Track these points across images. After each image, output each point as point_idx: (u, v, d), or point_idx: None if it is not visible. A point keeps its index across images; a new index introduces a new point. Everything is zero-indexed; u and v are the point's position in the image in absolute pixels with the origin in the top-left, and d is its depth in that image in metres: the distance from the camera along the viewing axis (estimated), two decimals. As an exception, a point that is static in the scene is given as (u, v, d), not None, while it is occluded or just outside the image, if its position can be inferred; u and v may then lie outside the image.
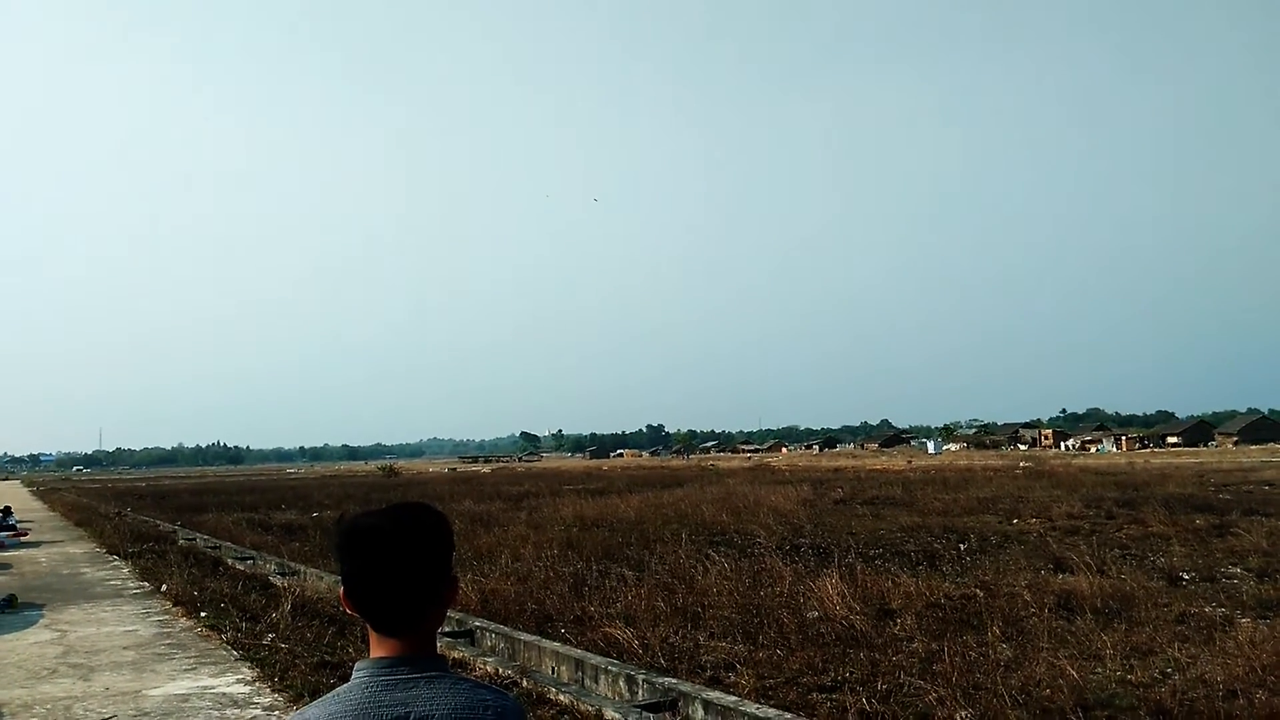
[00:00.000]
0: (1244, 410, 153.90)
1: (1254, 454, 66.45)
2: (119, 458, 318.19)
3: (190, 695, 8.02)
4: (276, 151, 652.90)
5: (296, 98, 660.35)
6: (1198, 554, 14.71)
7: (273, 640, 9.89)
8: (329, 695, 1.64)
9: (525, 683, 8.13)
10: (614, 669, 8.03)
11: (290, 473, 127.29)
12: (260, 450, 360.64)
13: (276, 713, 7.34)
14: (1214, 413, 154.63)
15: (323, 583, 14.21)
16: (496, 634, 9.93)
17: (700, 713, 6.93)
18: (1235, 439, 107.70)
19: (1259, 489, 28.82)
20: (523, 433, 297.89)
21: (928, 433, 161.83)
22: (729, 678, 8.16)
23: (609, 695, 7.80)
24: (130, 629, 11.40)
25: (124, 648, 10.19)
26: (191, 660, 9.45)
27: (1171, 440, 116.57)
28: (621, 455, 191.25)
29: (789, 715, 6.49)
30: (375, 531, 1.67)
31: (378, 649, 1.66)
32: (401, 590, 1.64)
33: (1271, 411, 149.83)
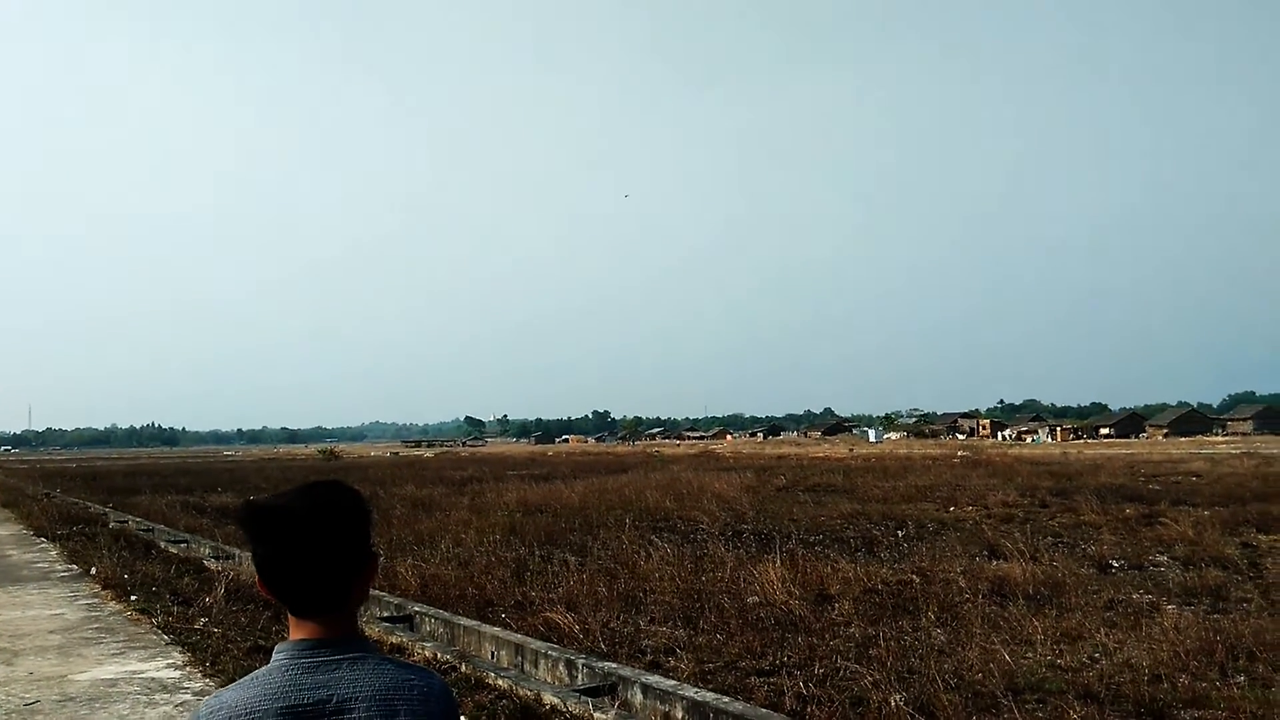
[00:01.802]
0: (1174, 404, 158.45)
1: (1183, 446, 68.38)
2: (49, 438, 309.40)
3: (118, 680, 7.83)
4: (219, 132, 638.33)
5: (263, 83, 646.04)
6: (1127, 543, 15.09)
7: (205, 624, 9.72)
8: (246, 679, 1.60)
9: (464, 667, 8.08)
10: (554, 654, 8.00)
11: (227, 455, 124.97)
12: (196, 432, 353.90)
13: (207, 697, 7.19)
14: (1145, 405, 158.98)
15: (259, 566, 13.99)
16: (436, 619, 9.85)
17: (639, 696, 6.94)
18: (1165, 431, 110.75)
19: (1187, 480, 29.65)
20: (467, 417, 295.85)
21: (869, 421, 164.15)
22: (669, 662, 8.19)
23: (549, 680, 7.78)
24: (57, 613, 11.10)
25: (50, 631, 9.93)
26: (120, 644, 9.23)
27: (1104, 431, 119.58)
28: (567, 441, 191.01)
29: (727, 699, 6.52)
30: (287, 512, 1.62)
31: (297, 631, 1.63)
32: (318, 571, 1.60)
33: (1200, 405, 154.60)
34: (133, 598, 11.57)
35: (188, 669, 8.18)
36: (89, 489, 37.51)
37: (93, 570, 13.97)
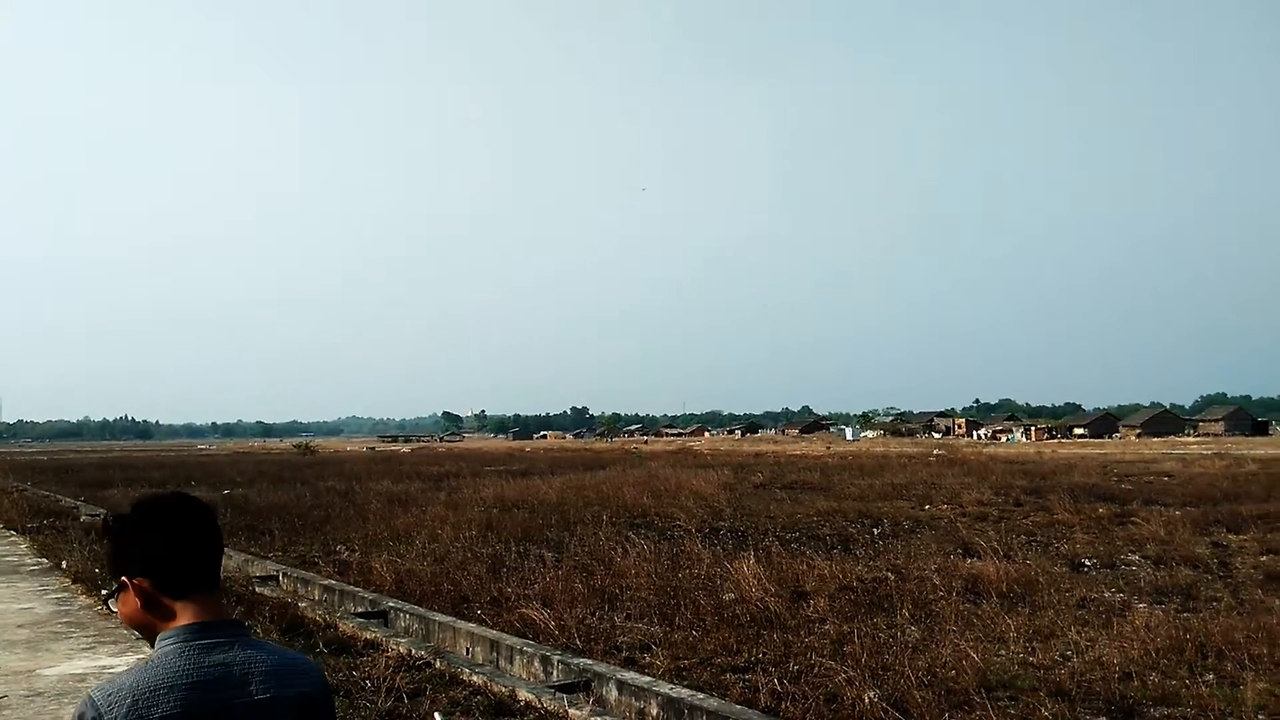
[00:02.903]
0: (1147, 404, 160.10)
1: (1155, 446, 69.06)
2: (20, 430, 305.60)
3: (87, 675, 7.75)
4: (201, 126, 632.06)
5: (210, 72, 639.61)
6: (1099, 542, 15.22)
7: (177, 619, 9.62)
8: (142, 665, 1.70)
9: (439, 664, 8.05)
10: (529, 650, 7.99)
11: (201, 449, 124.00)
12: (170, 425, 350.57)
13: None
14: (1119, 406, 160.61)
15: (231, 561, 13.89)
16: (411, 615, 9.81)
17: (614, 693, 6.94)
18: (1138, 431, 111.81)
19: (1158, 480, 29.95)
20: (445, 412, 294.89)
21: (846, 420, 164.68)
22: (644, 658, 8.19)
23: (524, 676, 7.77)
24: (26, 606, 10.97)
25: (18, 626, 9.81)
26: (90, 639, 9.14)
27: (1078, 431, 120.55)
28: (545, 437, 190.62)
29: (701, 695, 6.54)
30: (173, 502, 1.84)
31: (184, 616, 1.76)
32: (206, 553, 1.81)
33: (1173, 406, 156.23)
34: (104, 592, 11.44)
35: (159, 664, 8.10)
36: (60, 482, 37.10)
37: (63, 564, 13.81)
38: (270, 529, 18.58)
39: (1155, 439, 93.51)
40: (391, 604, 10.30)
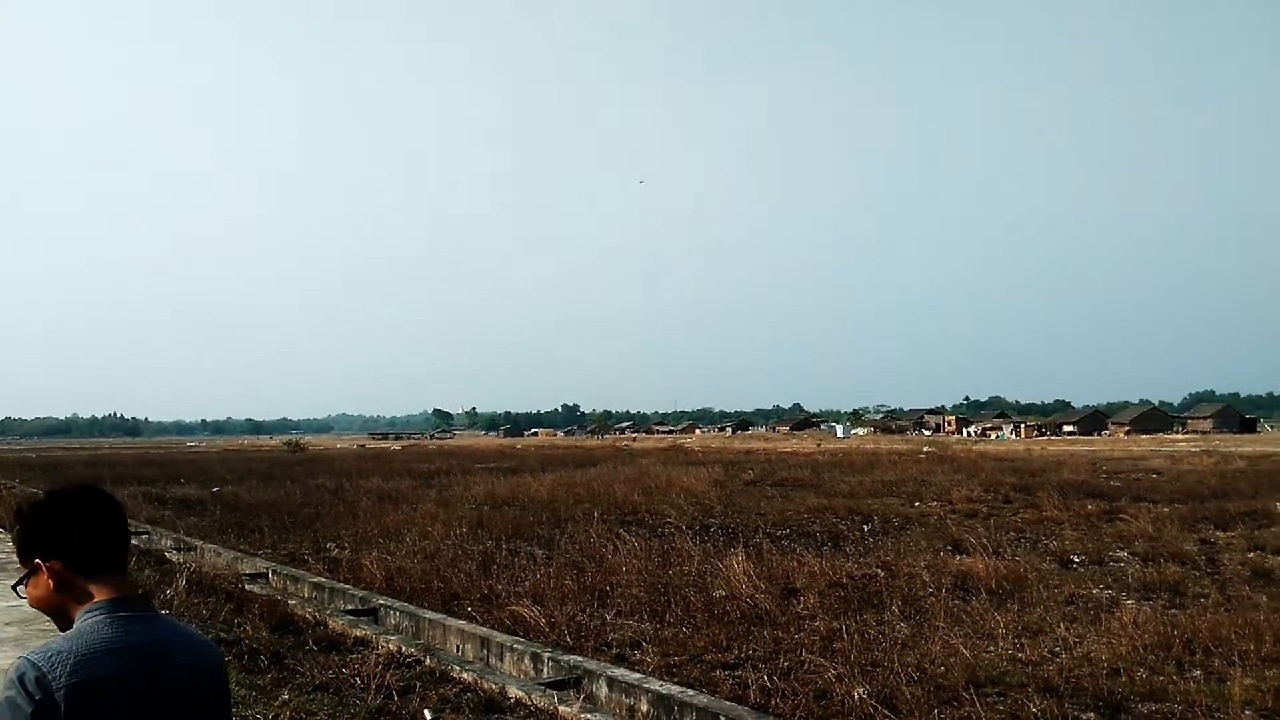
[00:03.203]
0: (1136, 401, 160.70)
1: (1144, 443, 69.37)
2: (8, 427, 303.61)
3: (76, 673, 7.72)
4: (174, 110, 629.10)
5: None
6: (1088, 538, 15.29)
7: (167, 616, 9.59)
8: (72, 634, 1.87)
9: (429, 661, 8.04)
10: (519, 647, 7.99)
11: (190, 446, 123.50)
12: (159, 423, 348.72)
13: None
14: (1108, 403, 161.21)
15: (221, 559, 13.85)
16: (401, 612, 9.80)
17: (604, 689, 6.94)
18: (1127, 428, 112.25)
19: (1147, 477, 30.10)
20: (436, 410, 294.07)
21: (837, 417, 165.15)
22: (634, 655, 8.20)
23: (514, 673, 7.76)
24: (14, 604, 10.90)
25: (6, 624, 9.76)
26: (78, 637, 9.10)
27: (1067, 428, 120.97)
28: (536, 434, 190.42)
29: (691, 691, 6.54)
30: (84, 491, 2.04)
31: (100, 593, 1.93)
32: (116, 537, 1.99)
33: (1162, 403, 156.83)
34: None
35: (147, 662, 8.07)
36: (48, 480, 36.93)
37: (51, 562, 13.74)
38: (260, 526, 18.52)
39: (1144, 436, 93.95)
40: (382, 601, 10.28)
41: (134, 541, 16.32)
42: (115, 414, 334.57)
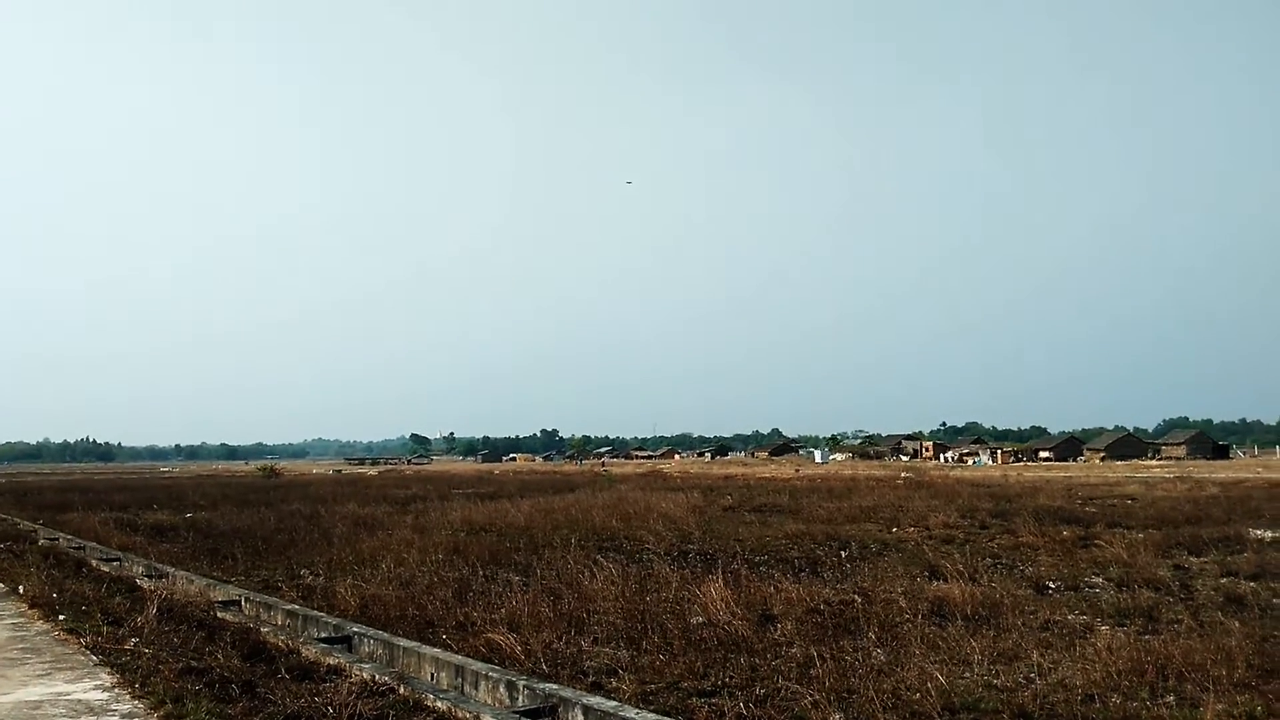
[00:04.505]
0: (1111, 428, 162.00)
1: (1119, 469, 69.93)
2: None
3: (43, 702, 7.59)
4: (158, 132, 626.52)
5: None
6: (1063, 564, 15.37)
7: (136, 645, 9.45)
8: None
9: (403, 689, 7.95)
10: (494, 675, 7.93)
11: (164, 471, 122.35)
12: (133, 448, 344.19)
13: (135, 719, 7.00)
14: (1084, 429, 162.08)
15: (193, 586, 13.70)
16: (375, 640, 9.70)
17: (580, 718, 6.89)
18: (1102, 454, 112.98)
19: (1122, 503, 30.33)
20: (413, 435, 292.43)
21: (815, 442, 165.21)
22: (611, 683, 8.15)
23: (489, 701, 7.70)
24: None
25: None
26: (46, 665, 8.95)
27: (1043, 454, 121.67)
28: (515, 459, 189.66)
29: (667, 719, 6.52)
30: None
31: None
32: None
33: (1136, 429, 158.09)
34: (61, 617, 11.23)
35: (116, 690, 7.94)
36: (18, 505, 36.45)
37: (20, 589, 13.53)
38: (233, 553, 18.34)
39: (1119, 462, 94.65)
40: (355, 629, 10.17)
41: (105, 568, 16.14)
42: (88, 438, 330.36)
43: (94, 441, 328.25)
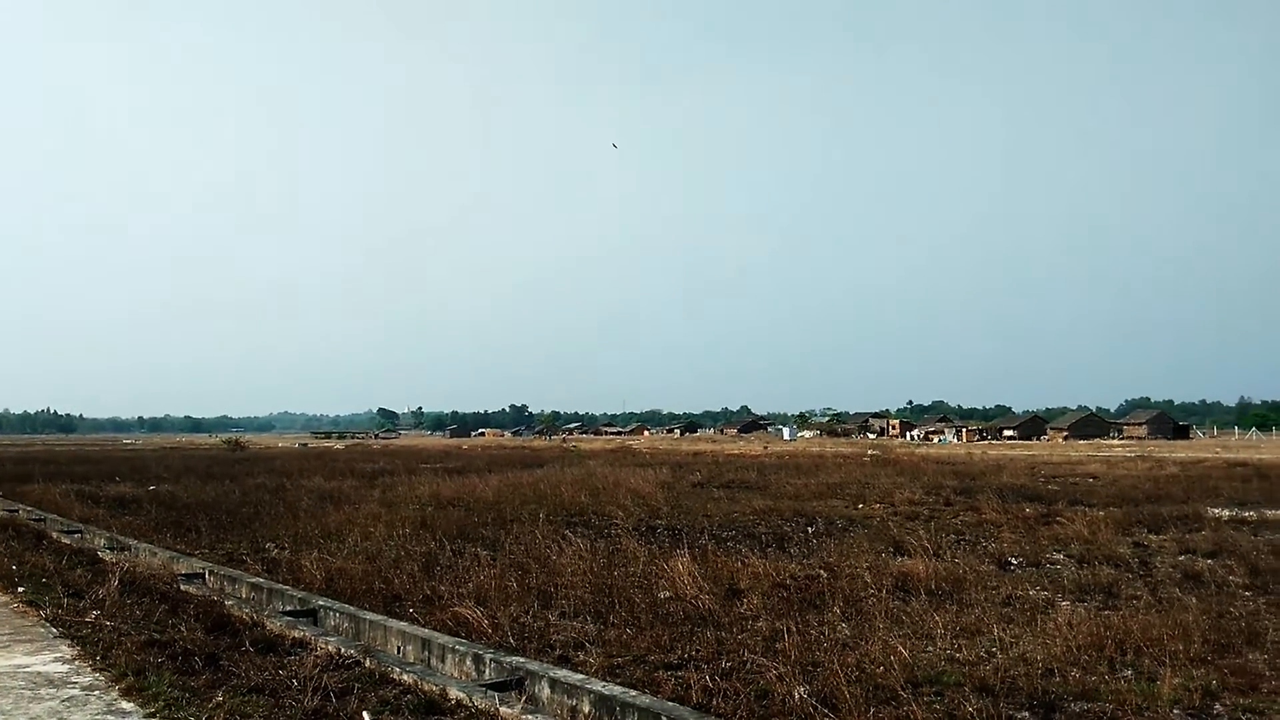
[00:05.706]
0: (1074, 407, 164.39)
1: (1081, 448, 70.98)
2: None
3: (1, 675, 7.49)
4: (125, 104, 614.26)
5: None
6: (1026, 541, 15.58)
7: (97, 617, 9.35)
8: None
9: (369, 662, 7.93)
10: (461, 648, 7.92)
11: (127, 443, 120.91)
12: (95, 419, 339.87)
13: (96, 692, 6.92)
14: (1047, 409, 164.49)
15: (156, 558, 13.55)
16: (341, 613, 9.66)
17: (546, 690, 6.90)
18: (1065, 434, 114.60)
19: (1083, 481, 30.78)
20: (380, 409, 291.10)
21: (784, 420, 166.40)
22: (578, 656, 8.17)
23: (455, 675, 7.69)
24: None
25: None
26: (5, 638, 8.83)
27: (1008, 433, 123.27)
28: (483, 435, 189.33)
29: (634, 692, 6.54)
30: None
31: None
32: None
33: (1099, 409, 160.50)
34: (20, 589, 11.08)
35: (76, 663, 7.86)
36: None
37: (-23, 561, 13.33)
38: (197, 526, 18.16)
39: (1081, 441, 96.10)
40: (321, 602, 10.12)
41: (66, 540, 15.93)
42: (49, 410, 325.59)
43: (55, 413, 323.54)
